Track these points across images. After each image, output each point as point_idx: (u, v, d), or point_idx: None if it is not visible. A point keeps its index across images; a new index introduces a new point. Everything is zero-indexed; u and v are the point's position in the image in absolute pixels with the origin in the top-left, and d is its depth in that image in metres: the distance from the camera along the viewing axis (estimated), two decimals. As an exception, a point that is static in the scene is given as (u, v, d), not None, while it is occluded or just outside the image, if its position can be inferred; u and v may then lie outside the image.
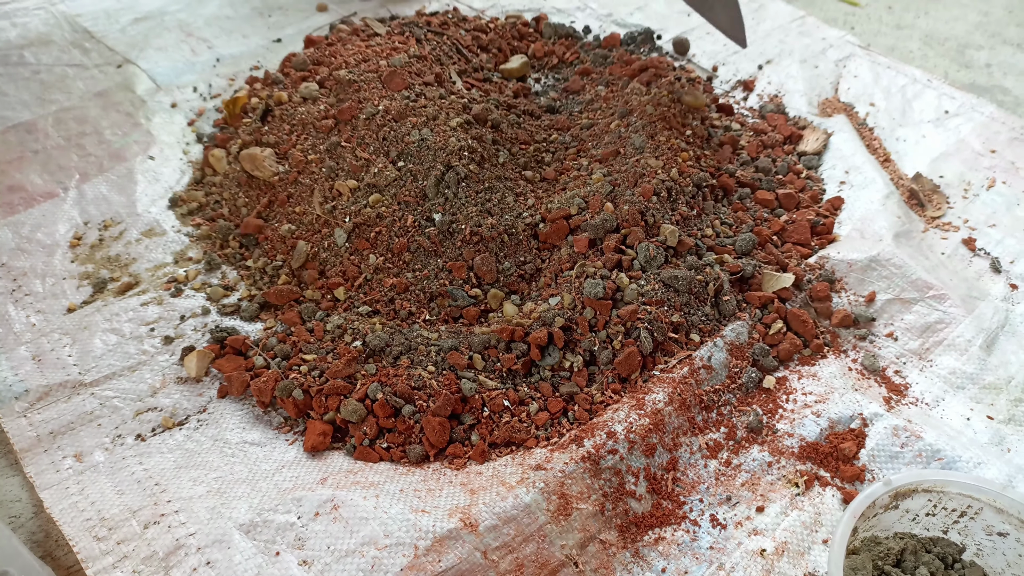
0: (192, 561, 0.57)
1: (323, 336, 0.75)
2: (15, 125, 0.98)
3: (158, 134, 0.99)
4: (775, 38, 1.17)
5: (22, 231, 0.85)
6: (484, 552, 0.58)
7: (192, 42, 1.15)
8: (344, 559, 0.57)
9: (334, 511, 0.60)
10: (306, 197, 0.84)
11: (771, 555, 0.61)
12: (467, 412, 0.69)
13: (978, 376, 0.73)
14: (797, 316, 0.76)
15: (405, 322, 0.78)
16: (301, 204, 0.85)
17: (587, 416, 0.69)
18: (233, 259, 0.85)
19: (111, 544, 0.59)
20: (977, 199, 0.91)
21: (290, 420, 0.70)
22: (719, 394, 0.71)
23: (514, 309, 0.76)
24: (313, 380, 0.70)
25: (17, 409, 0.69)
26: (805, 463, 0.67)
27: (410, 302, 0.79)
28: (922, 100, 1.04)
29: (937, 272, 0.81)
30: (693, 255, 0.77)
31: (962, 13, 1.27)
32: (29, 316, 0.77)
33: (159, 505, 0.61)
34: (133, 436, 0.68)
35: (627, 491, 0.63)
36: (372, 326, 0.75)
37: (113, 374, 0.72)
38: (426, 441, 0.67)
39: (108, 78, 1.07)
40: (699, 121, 0.94)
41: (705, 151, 0.90)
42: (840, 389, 0.72)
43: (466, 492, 0.63)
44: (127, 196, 0.91)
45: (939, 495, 0.58)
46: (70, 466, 0.65)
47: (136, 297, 0.80)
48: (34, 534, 0.63)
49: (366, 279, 0.80)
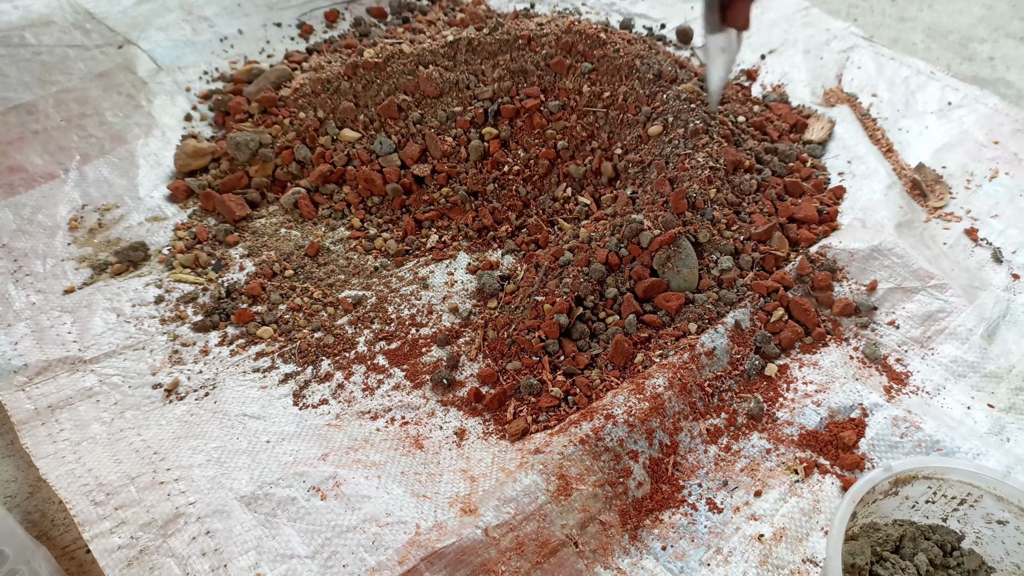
0: (192, 530, 0.57)
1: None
2: (16, 106, 0.98)
3: (159, 116, 0.99)
4: (779, 28, 1.17)
5: (23, 212, 0.85)
6: (485, 530, 0.58)
7: (193, 21, 1.15)
8: (345, 534, 0.57)
9: (336, 488, 0.60)
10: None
11: (769, 540, 0.61)
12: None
13: (979, 365, 0.73)
14: (799, 304, 0.75)
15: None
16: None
17: (586, 401, 0.69)
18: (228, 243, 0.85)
19: (109, 509, 0.59)
20: (980, 190, 0.91)
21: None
22: (721, 380, 0.71)
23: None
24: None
25: (15, 383, 0.69)
26: (805, 451, 0.67)
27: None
28: (925, 91, 1.04)
29: (939, 262, 0.81)
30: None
31: (965, 6, 1.27)
32: (29, 296, 0.77)
33: (158, 473, 0.61)
34: (132, 410, 0.68)
35: (627, 473, 0.63)
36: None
37: (113, 352, 0.72)
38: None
39: (109, 59, 1.07)
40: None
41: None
42: (841, 378, 0.71)
43: (466, 479, 0.63)
44: (128, 179, 0.91)
45: (939, 482, 0.58)
46: (67, 437, 0.65)
47: (137, 278, 0.79)
48: (30, 514, 0.63)
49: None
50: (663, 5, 1.21)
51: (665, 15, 1.19)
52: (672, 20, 1.18)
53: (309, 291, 0.79)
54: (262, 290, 0.79)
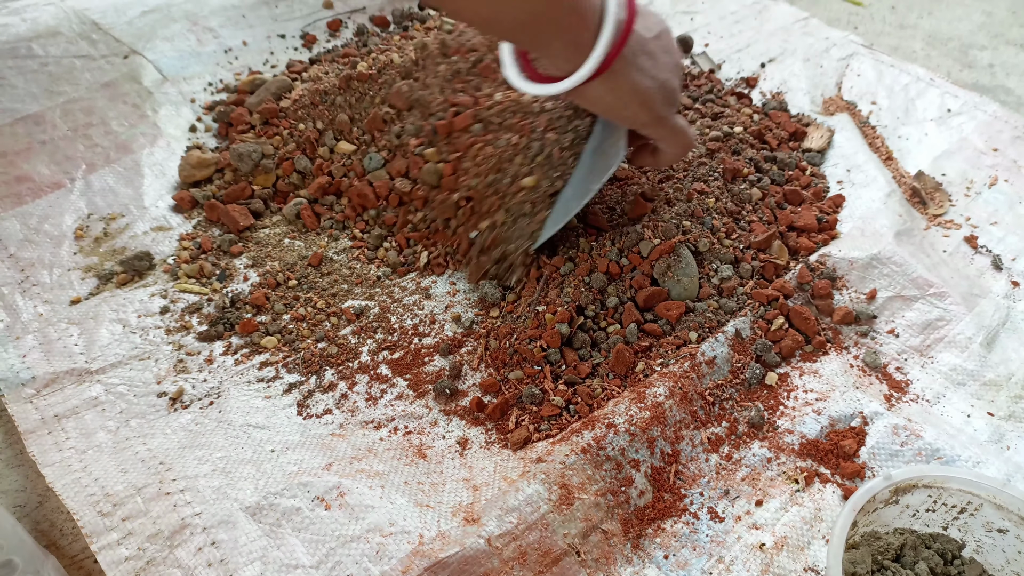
0: (198, 540, 0.58)
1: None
2: (23, 117, 0.98)
3: (164, 127, 0.99)
4: (778, 38, 1.17)
5: (30, 222, 0.86)
6: (488, 539, 0.58)
7: (198, 31, 1.15)
8: (349, 544, 0.58)
9: (340, 498, 0.60)
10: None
11: (770, 549, 0.62)
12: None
13: (979, 373, 0.73)
14: (799, 313, 0.76)
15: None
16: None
17: (588, 410, 0.69)
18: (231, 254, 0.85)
19: (116, 520, 0.59)
20: (979, 197, 0.92)
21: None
22: (722, 389, 0.71)
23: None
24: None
25: (24, 395, 0.69)
26: (805, 460, 0.67)
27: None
28: (925, 98, 1.05)
29: (938, 270, 0.82)
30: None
31: (965, 13, 1.28)
32: (36, 306, 0.77)
33: (164, 483, 0.62)
34: (137, 419, 0.68)
35: (628, 482, 0.64)
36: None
37: (119, 362, 0.73)
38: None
39: (115, 69, 1.08)
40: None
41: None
42: (841, 387, 0.72)
43: (469, 488, 0.63)
44: (134, 189, 0.91)
45: (939, 491, 0.59)
46: (73, 446, 0.66)
47: (143, 289, 0.80)
48: (39, 523, 0.64)
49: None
50: (663, 15, 1.22)
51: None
52: (672, 30, 1.18)
53: (312, 301, 0.80)
54: (266, 300, 0.79)
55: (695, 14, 1.23)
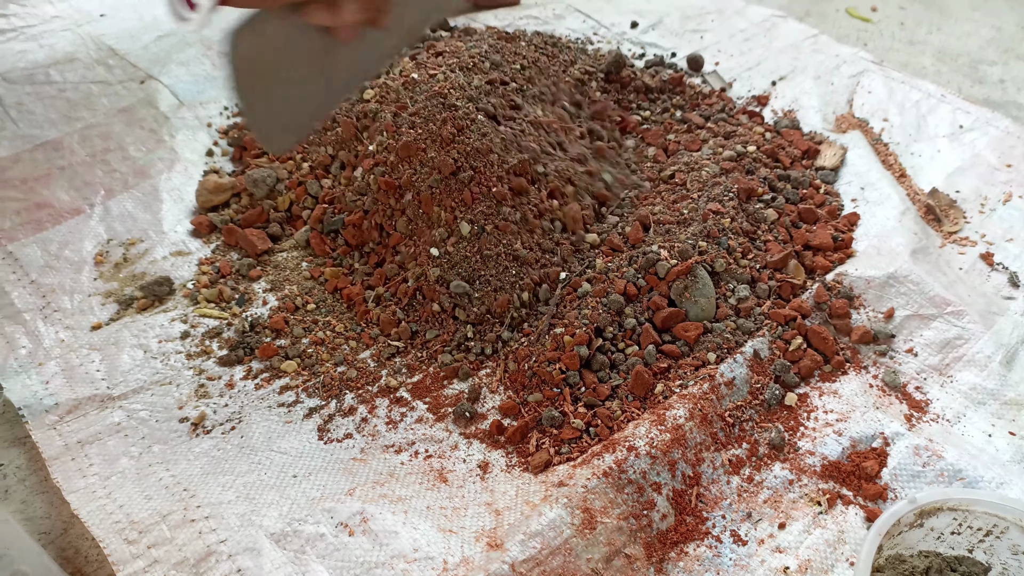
0: (223, 568, 0.58)
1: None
2: (43, 143, 1.00)
3: (182, 151, 1.00)
4: (788, 56, 1.18)
5: (50, 248, 0.87)
6: (512, 565, 0.58)
7: (212, 56, 1.17)
8: (373, 571, 0.58)
9: (363, 523, 0.61)
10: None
11: (795, 573, 0.61)
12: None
13: (999, 392, 0.73)
14: (817, 333, 0.76)
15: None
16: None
17: (608, 433, 0.69)
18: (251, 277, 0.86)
19: (142, 548, 0.59)
20: (994, 214, 0.92)
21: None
22: (741, 410, 0.71)
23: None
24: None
25: (47, 422, 0.70)
26: (827, 481, 0.67)
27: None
28: (936, 115, 1.05)
29: (955, 288, 0.82)
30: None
31: (974, 29, 1.28)
32: (58, 332, 0.78)
33: (189, 510, 0.62)
34: (159, 444, 0.69)
35: (650, 506, 0.64)
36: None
37: (141, 388, 0.73)
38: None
39: (131, 94, 1.09)
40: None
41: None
42: (861, 407, 0.72)
43: (491, 513, 0.63)
44: (152, 214, 0.92)
45: (964, 514, 0.58)
46: (96, 472, 0.66)
47: (163, 314, 0.81)
48: (64, 550, 0.64)
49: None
50: (673, 35, 1.23)
51: (675, 44, 1.21)
52: (682, 49, 1.20)
53: (331, 324, 0.81)
54: (285, 324, 0.80)
55: (705, 32, 1.24)
